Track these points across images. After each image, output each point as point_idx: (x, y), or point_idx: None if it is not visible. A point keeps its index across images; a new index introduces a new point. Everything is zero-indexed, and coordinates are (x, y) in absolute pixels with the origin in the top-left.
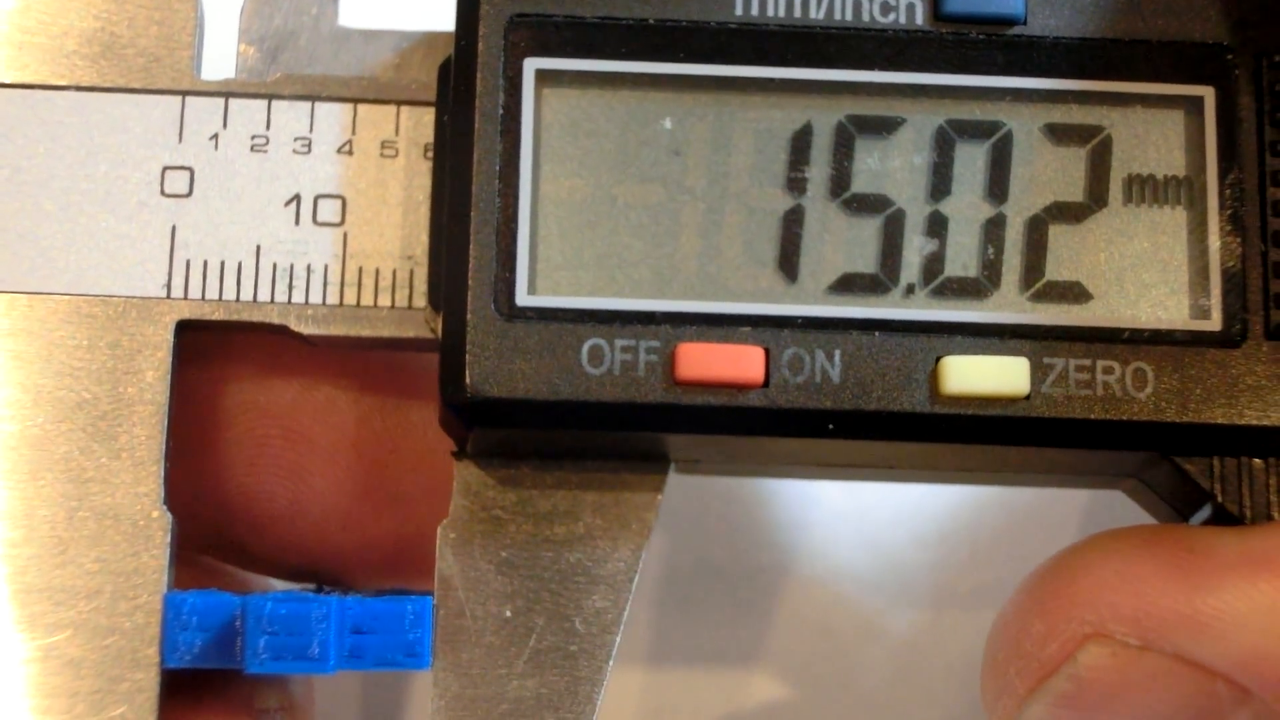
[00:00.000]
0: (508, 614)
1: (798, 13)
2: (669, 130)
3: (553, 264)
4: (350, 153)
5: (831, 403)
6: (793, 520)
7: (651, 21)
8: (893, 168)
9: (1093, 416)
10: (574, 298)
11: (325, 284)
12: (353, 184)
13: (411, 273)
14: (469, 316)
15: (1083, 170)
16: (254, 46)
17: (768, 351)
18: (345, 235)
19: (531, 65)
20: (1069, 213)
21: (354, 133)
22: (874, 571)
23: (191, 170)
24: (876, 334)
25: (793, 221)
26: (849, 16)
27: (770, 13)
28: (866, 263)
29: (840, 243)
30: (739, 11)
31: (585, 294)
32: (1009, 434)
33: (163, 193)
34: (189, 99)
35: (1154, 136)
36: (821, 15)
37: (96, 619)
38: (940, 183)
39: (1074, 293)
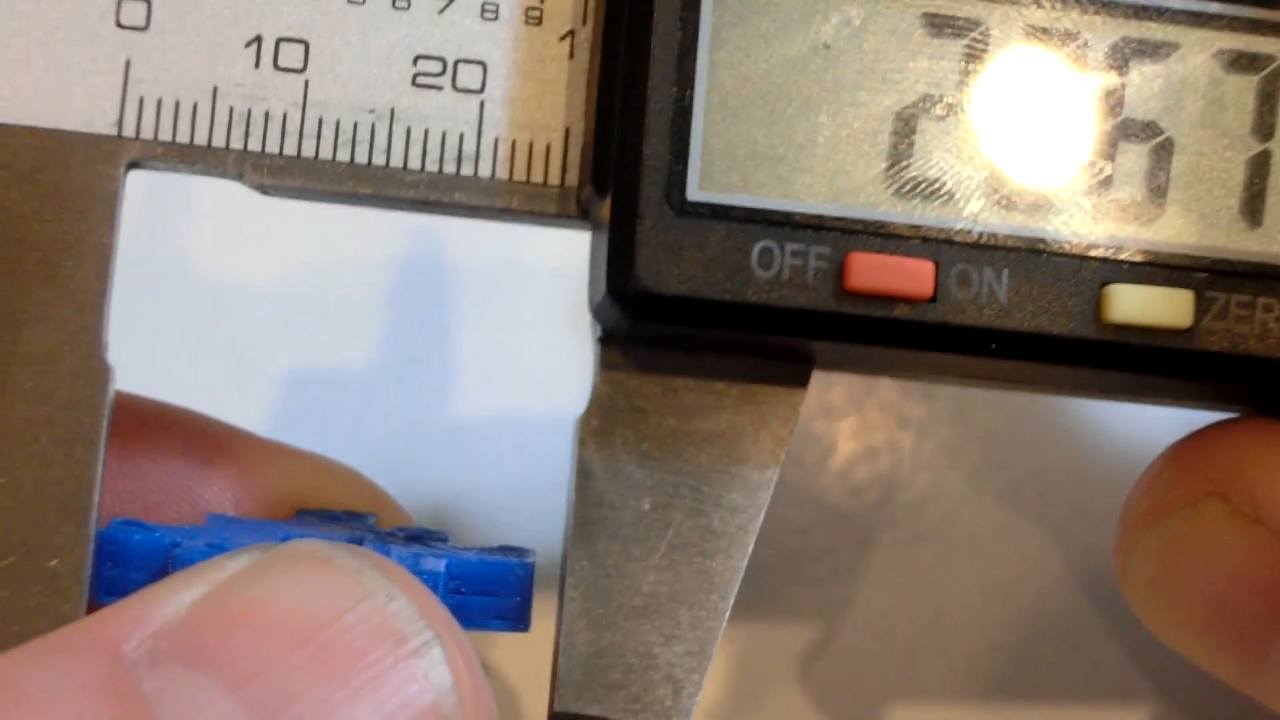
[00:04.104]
0: (646, 506)
1: None
2: (850, 28)
3: (726, 160)
4: None
5: (997, 322)
6: (793, 521)
7: None
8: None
9: (1250, 352)
10: (746, 195)
11: (283, 133)
12: (315, 28)
13: (373, 127)
14: (640, 207)
15: (1251, 100)
16: None
17: (938, 266)
18: (306, 83)
19: None
20: (1235, 143)
21: None
22: (875, 571)
23: (149, 1)
24: (1044, 255)
25: None
26: None
27: None
28: (1034, 180)
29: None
30: None
31: (758, 193)
32: (1169, 365)
33: (118, 24)
34: None
35: None
36: None
37: (30, 468)
38: (1113, 102)
39: (1237, 225)
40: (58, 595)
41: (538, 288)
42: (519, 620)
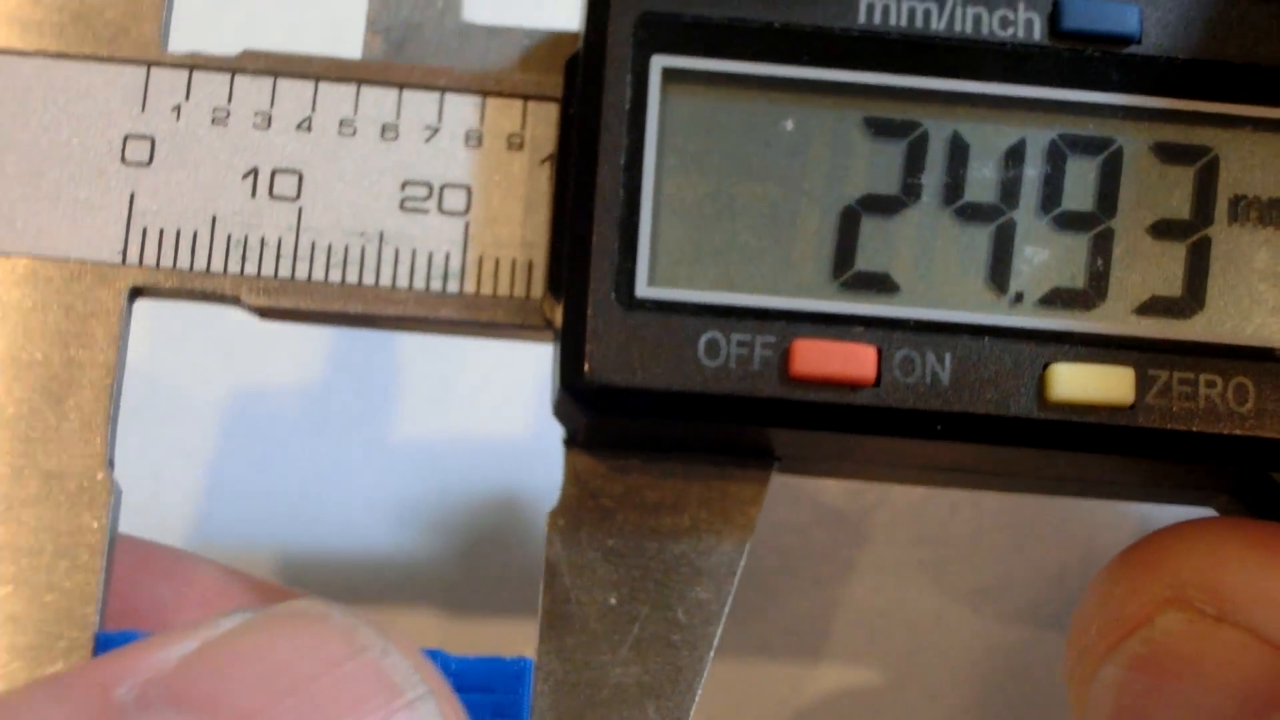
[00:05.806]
0: (612, 601)
1: (919, 23)
2: (790, 132)
3: (673, 257)
4: (309, 130)
5: (941, 404)
6: (793, 521)
7: (776, 25)
8: (1005, 179)
9: (1193, 429)
10: (692, 291)
11: (278, 257)
12: (309, 159)
13: (363, 249)
14: (590, 305)
15: (1190, 189)
16: (380, 36)
17: (880, 351)
18: (300, 210)
19: (659, 63)
20: (1175, 230)
21: (314, 110)
22: (875, 571)
23: (153, 139)
24: (986, 339)
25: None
26: (969, 29)
27: (893, 22)
28: (977, 270)
29: (951, 250)
30: (862, 19)
31: (703, 288)
32: (1112, 443)
33: (123, 160)
34: (154, 70)
35: (1261, 159)
36: (942, 26)
37: (36, 576)
38: (1051, 195)
39: (1179, 307)
40: None
41: None
42: (516, 718)
